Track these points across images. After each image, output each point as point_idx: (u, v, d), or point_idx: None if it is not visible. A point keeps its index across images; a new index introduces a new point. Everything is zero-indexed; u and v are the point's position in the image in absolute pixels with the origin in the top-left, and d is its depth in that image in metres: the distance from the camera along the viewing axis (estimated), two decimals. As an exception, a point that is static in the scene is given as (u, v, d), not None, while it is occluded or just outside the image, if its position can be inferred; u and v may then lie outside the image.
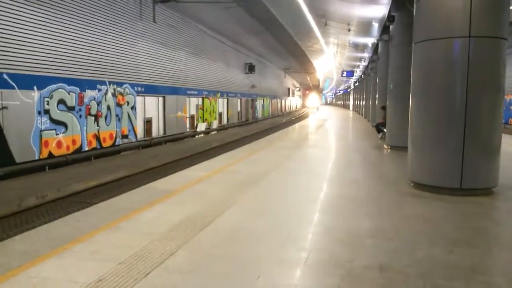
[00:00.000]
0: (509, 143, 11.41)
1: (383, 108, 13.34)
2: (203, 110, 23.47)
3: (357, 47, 22.55)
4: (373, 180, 7.19)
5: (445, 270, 3.29)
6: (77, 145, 12.63)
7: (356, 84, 38.73)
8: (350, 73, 33.68)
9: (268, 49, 33.42)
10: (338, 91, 74.89)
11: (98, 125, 13.66)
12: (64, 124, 12.03)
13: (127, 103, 15.35)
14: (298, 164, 8.97)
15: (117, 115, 14.73)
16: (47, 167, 11.26)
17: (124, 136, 15.25)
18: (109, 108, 14.23)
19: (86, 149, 13.06)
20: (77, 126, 12.61)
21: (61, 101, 11.88)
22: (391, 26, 11.35)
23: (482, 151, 5.67)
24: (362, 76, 30.95)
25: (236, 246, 3.80)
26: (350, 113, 39.98)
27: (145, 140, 16.82)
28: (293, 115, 51.94)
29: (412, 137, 6.28)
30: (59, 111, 11.82)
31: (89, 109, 13.15)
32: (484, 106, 5.66)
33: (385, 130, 11.83)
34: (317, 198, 5.74)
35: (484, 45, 5.55)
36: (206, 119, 23.92)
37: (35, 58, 10.90)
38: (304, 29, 21.49)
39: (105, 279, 3.05)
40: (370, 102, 21.90)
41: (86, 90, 12.95)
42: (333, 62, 34.32)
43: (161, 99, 18.40)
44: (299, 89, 74.90)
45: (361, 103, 32.00)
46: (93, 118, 13.39)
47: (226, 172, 7.51)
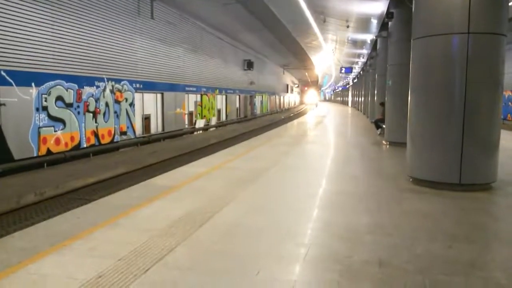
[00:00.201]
0: (508, 139, 11.44)
1: (382, 104, 13.34)
2: (202, 107, 23.44)
3: (356, 44, 22.52)
4: (372, 176, 7.20)
5: (444, 266, 3.30)
6: (76, 142, 12.61)
7: (355, 81, 38.72)
8: (349, 70, 33.67)
9: (267, 46, 33.35)
10: (337, 88, 74.84)
11: (97, 122, 13.64)
12: (63, 121, 12.01)
13: (126, 100, 15.32)
14: (297, 160, 8.97)
15: (116, 112, 14.70)
16: (46, 164, 11.25)
17: (123, 133, 15.23)
18: (108, 105, 14.20)
19: (85, 146, 13.04)
20: (76, 123, 12.59)
21: (59, 98, 11.85)
22: (390, 23, 11.34)
23: (481, 147, 5.68)
24: (361, 73, 30.94)
25: (235, 242, 3.81)
26: (349, 110, 39.99)
27: (144, 137, 16.81)
28: (292, 112, 51.92)
29: (411, 133, 6.29)
30: (57, 108, 11.79)
31: (87, 106, 13.12)
32: (483, 102, 5.67)
33: (384, 126, 11.84)
34: (316, 194, 5.74)
35: (483, 42, 5.55)
36: (205, 116, 23.90)
37: (33, 55, 10.86)
38: (303, 26, 21.44)
39: (105, 276, 3.05)
40: (369, 99, 21.90)
41: (84, 87, 12.92)
42: (332, 59, 34.29)
43: (160, 96, 18.37)
44: (298, 86, 74.83)
45: (360, 100, 32.00)
46: (92, 115, 13.37)
47: (225, 169, 7.51)
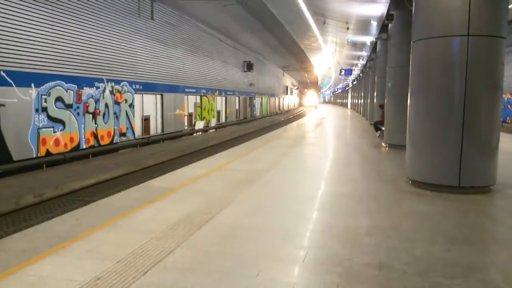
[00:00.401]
0: (507, 142, 11.45)
1: (381, 107, 13.35)
2: (201, 108, 23.44)
3: (356, 46, 22.56)
4: (372, 178, 7.19)
5: (444, 268, 3.30)
6: (75, 143, 12.60)
7: (354, 83, 38.75)
8: (349, 72, 33.70)
9: (267, 47, 33.38)
10: (336, 89, 74.91)
11: (96, 123, 13.63)
12: (62, 122, 12.00)
13: (125, 101, 15.32)
14: (297, 162, 8.97)
15: (115, 113, 14.69)
16: (45, 165, 11.23)
17: (122, 134, 15.22)
18: (107, 106, 14.19)
19: (84, 147, 13.03)
20: (75, 124, 12.58)
21: (59, 99, 11.84)
22: (390, 25, 11.35)
23: (481, 149, 5.69)
24: (361, 75, 30.98)
25: (235, 244, 3.80)
26: (348, 112, 40.02)
27: (143, 138, 16.80)
28: (292, 113, 51.93)
29: (411, 135, 6.29)
30: (57, 109, 11.78)
31: (87, 107, 13.12)
32: (483, 105, 5.68)
33: (383, 129, 11.84)
34: (316, 196, 5.74)
35: (483, 44, 5.56)
36: (204, 117, 23.90)
37: (33, 56, 10.86)
38: (303, 27, 21.48)
39: (103, 277, 3.05)
40: (368, 101, 21.93)
41: (84, 88, 12.92)
42: (332, 61, 34.33)
43: (159, 97, 18.36)
44: (298, 88, 74.88)
45: (359, 102, 32.02)
46: (91, 116, 13.36)
47: (225, 170, 7.50)
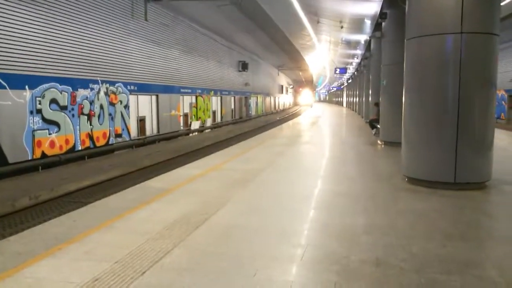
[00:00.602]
0: (501, 138, 11.53)
1: (376, 105, 13.40)
2: (197, 108, 23.40)
3: (350, 44, 22.61)
4: (368, 176, 7.22)
5: (440, 264, 3.32)
6: (70, 145, 12.55)
7: (349, 81, 38.84)
8: (343, 70, 33.81)
9: (261, 47, 33.38)
10: (332, 88, 75.05)
11: (91, 124, 13.57)
12: (57, 124, 11.94)
13: (120, 102, 15.26)
14: (293, 161, 8.98)
15: (110, 114, 14.64)
16: (40, 167, 11.17)
17: (118, 135, 15.17)
18: (102, 107, 14.14)
19: (80, 149, 12.97)
20: (70, 126, 12.52)
21: (54, 101, 11.78)
22: (384, 23, 11.40)
23: (475, 146, 5.72)
24: (355, 73, 31.05)
25: (232, 244, 3.81)
26: (344, 110, 40.11)
27: (139, 139, 16.75)
28: (287, 113, 51.96)
29: (406, 133, 6.32)
30: (52, 111, 11.72)
31: (82, 108, 13.06)
32: (477, 101, 5.72)
33: (379, 126, 11.88)
34: (312, 195, 5.75)
35: (476, 41, 5.59)
36: (200, 117, 23.87)
37: (27, 58, 10.79)
38: (297, 27, 21.51)
39: (101, 279, 3.04)
40: (364, 99, 21.99)
41: (79, 89, 12.86)
42: (326, 59, 34.39)
43: (155, 98, 18.31)
44: (293, 87, 74.94)
45: (355, 100, 32.10)
46: (86, 118, 13.30)
47: (221, 170, 7.50)
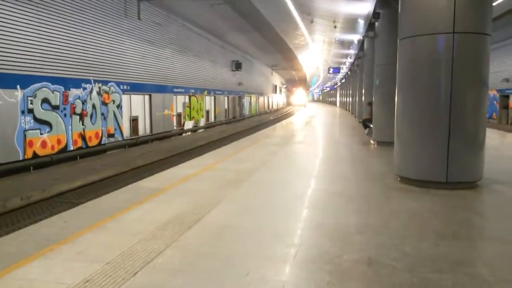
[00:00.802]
0: (493, 138, 11.62)
1: (369, 104, 13.44)
2: (190, 108, 23.33)
3: (343, 44, 22.70)
4: (361, 175, 7.24)
5: (432, 263, 3.34)
6: (62, 145, 12.44)
7: (343, 81, 38.96)
8: (337, 70, 33.91)
9: (255, 46, 33.37)
10: (325, 88, 75.26)
11: (84, 124, 13.48)
12: (49, 124, 11.83)
13: (113, 102, 15.17)
14: (286, 161, 8.99)
15: (103, 114, 14.55)
16: (32, 168, 11.07)
17: (110, 135, 15.07)
18: (95, 107, 14.04)
19: (72, 149, 12.87)
20: (62, 126, 12.42)
21: (45, 100, 11.67)
22: (377, 23, 11.44)
23: (467, 145, 5.76)
24: (349, 73, 31.17)
25: (224, 244, 3.79)
26: (337, 110, 40.23)
27: (132, 139, 16.66)
28: (281, 112, 52.00)
29: (398, 132, 6.34)
30: (43, 111, 11.62)
31: (74, 108, 12.96)
32: (469, 101, 5.76)
33: (372, 126, 11.93)
34: (305, 194, 5.76)
35: (468, 41, 5.63)
36: (193, 117, 23.80)
37: (18, 57, 10.68)
38: (290, 26, 21.54)
39: (93, 280, 3.02)
40: (357, 99, 22.07)
41: (71, 89, 12.76)
42: (320, 59, 34.47)
43: (147, 97, 18.23)
44: (286, 86, 75.04)
45: (348, 100, 32.21)
46: (78, 117, 13.21)
47: (214, 170, 7.49)
